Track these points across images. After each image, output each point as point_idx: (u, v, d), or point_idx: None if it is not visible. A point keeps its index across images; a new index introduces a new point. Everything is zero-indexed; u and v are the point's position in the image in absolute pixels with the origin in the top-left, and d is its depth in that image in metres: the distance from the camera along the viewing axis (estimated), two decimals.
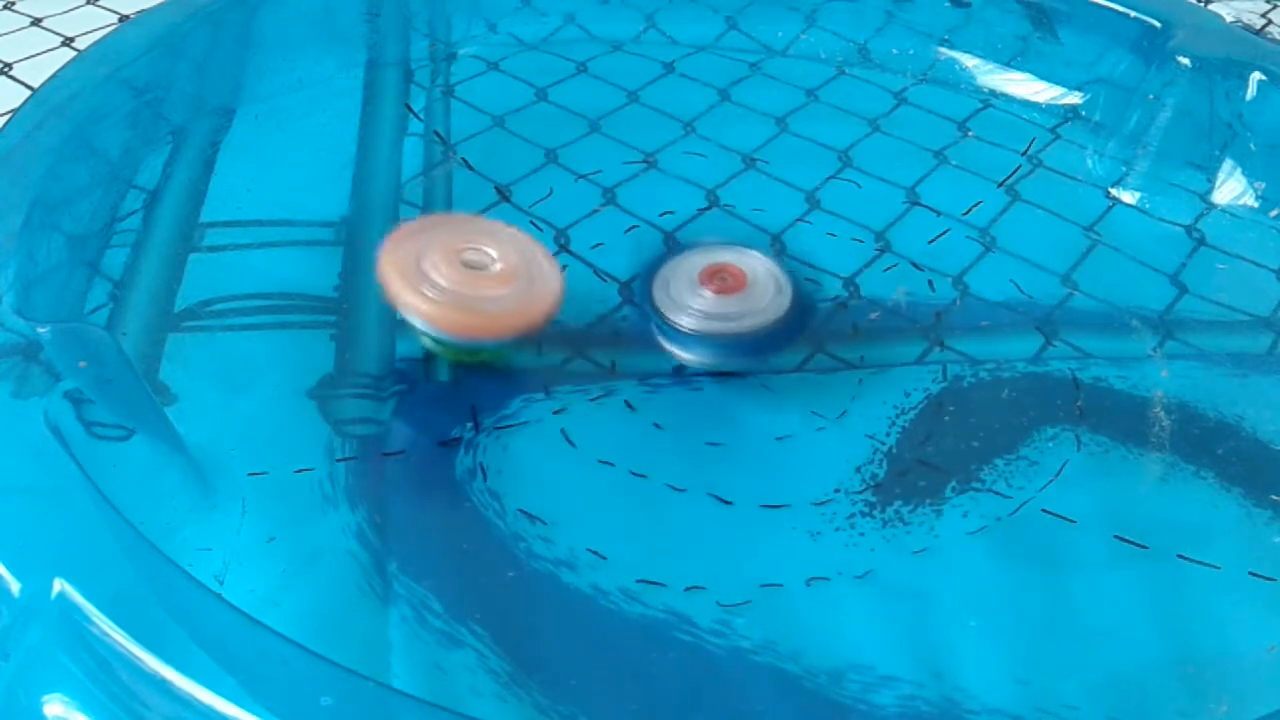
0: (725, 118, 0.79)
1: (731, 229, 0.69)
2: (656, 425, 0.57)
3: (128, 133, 0.68)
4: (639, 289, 0.64)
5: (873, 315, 0.65)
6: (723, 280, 0.62)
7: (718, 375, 0.60)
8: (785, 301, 0.62)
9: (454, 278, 0.55)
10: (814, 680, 0.48)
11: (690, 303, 0.61)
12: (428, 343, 0.57)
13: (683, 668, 0.48)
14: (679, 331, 0.61)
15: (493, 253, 0.56)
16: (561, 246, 0.67)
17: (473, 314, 0.54)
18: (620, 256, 0.66)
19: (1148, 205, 0.75)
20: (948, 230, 0.71)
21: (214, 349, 0.59)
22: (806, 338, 0.62)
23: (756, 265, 0.64)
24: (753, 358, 0.61)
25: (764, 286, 0.62)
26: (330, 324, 0.61)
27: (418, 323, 0.55)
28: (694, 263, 0.64)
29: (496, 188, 0.71)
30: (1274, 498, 0.56)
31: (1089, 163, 0.78)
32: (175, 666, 0.37)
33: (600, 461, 0.55)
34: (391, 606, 0.48)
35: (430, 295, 0.54)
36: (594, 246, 0.67)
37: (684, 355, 0.61)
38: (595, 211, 0.70)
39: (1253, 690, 0.49)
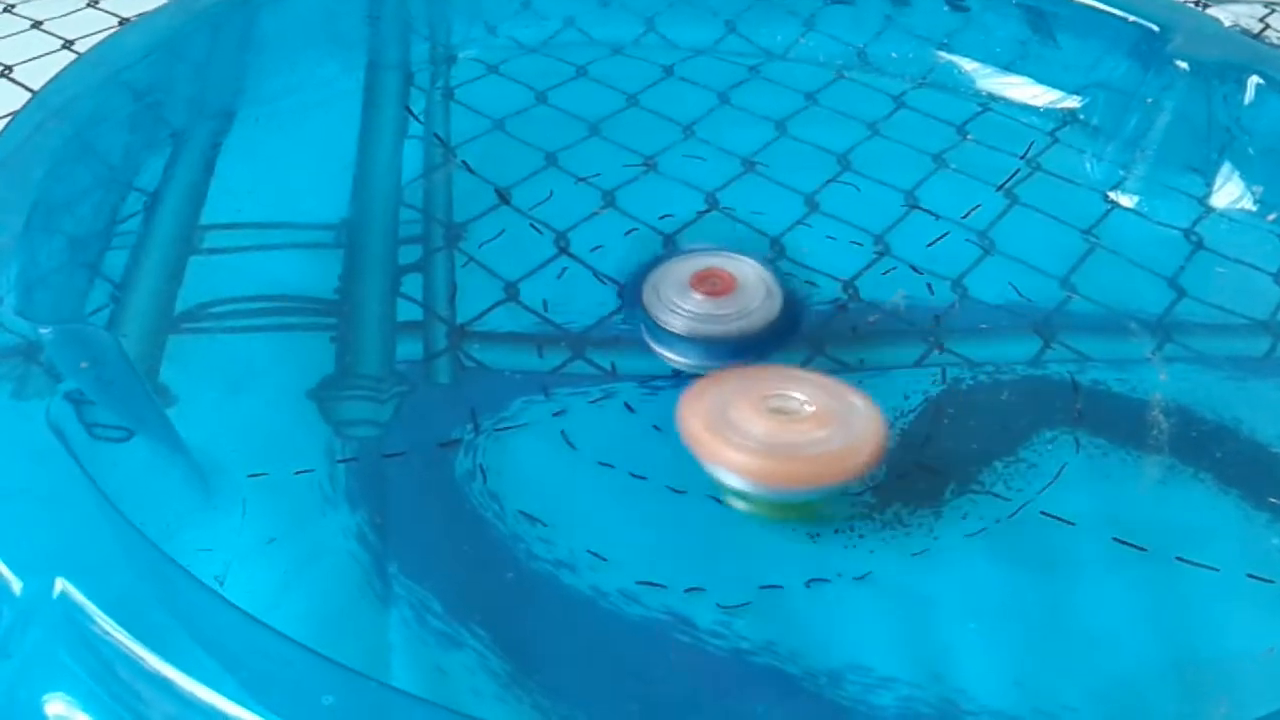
0: (724, 121, 0.79)
1: (731, 232, 0.69)
2: (656, 427, 0.57)
3: (128, 135, 0.69)
4: (629, 293, 0.64)
5: (871, 318, 0.65)
6: (713, 284, 0.62)
7: None
8: (776, 305, 0.62)
9: (768, 426, 0.51)
10: (813, 681, 0.48)
11: (681, 305, 0.61)
12: (739, 503, 0.52)
13: (683, 669, 0.48)
14: (670, 333, 0.61)
15: (800, 396, 0.53)
16: (561, 249, 0.67)
17: (796, 460, 0.50)
18: (620, 258, 0.66)
19: (1146, 209, 0.75)
20: (946, 233, 0.71)
21: (214, 350, 0.59)
22: (799, 341, 0.62)
23: (747, 270, 0.63)
24: (742, 360, 0.60)
25: (754, 290, 0.62)
26: (330, 326, 0.61)
27: (733, 479, 0.51)
28: (685, 267, 0.64)
29: (496, 190, 0.71)
30: (1272, 500, 0.56)
31: (1087, 166, 0.79)
32: (177, 666, 0.37)
33: (600, 463, 0.55)
34: (392, 607, 0.49)
35: (748, 446, 0.50)
36: (594, 249, 0.67)
37: (675, 358, 0.61)
38: (595, 214, 0.70)
39: (1252, 692, 0.49)
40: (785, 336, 0.62)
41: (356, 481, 0.53)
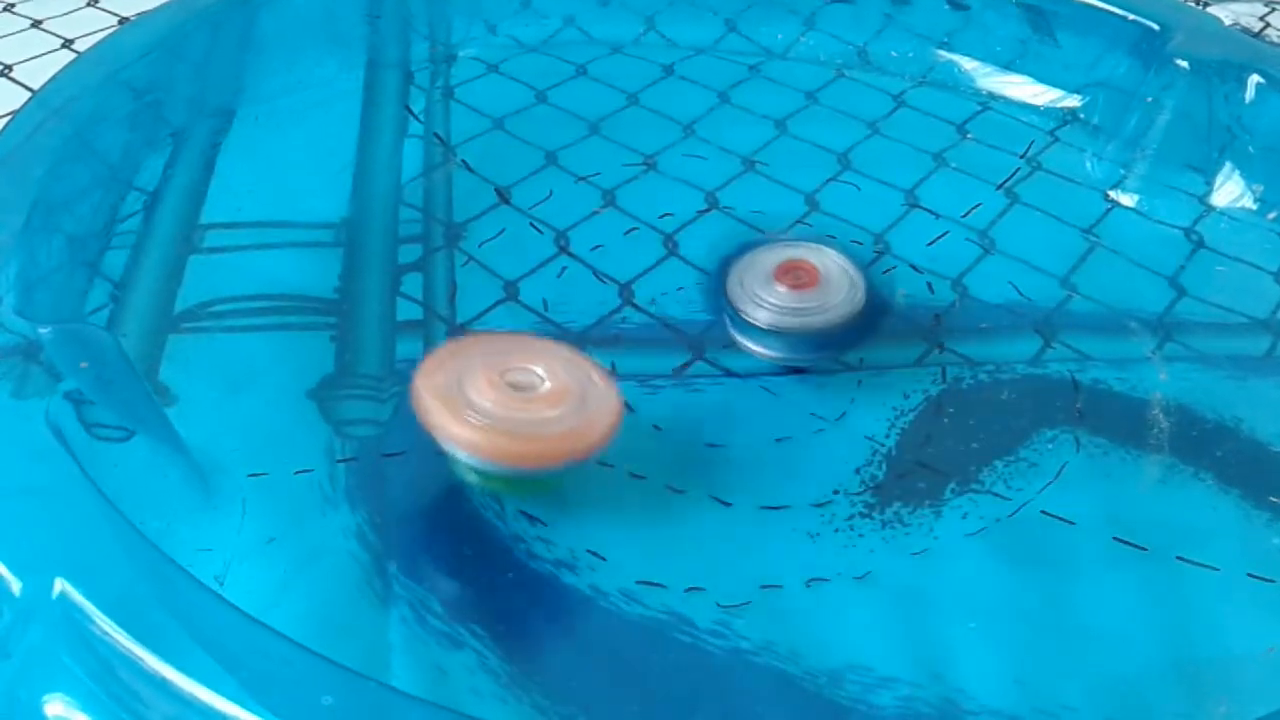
0: (725, 120, 0.79)
1: (732, 231, 0.69)
2: (656, 427, 0.57)
3: (128, 134, 0.69)
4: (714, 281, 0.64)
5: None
6: (796, 277, 0.62)
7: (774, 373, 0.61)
8: (859, 297, 0.62)
9: (501, 401, 0.50)
10: (813, 681, 0.48)
11: (765, 298, 0.62)
12: (470, 476, 0.52)
13: (683, 668, 0.48)
14: (753, 326, 0.62)
15: (540, 371, 0.52)
16: (561, 248, 0.67)
17: (523, 440, 0.49)
18: (619, 258, 0.66)
19: (1146, 208, 0.75)
20: (947, 232, 0.71)
21: (214, 350, 0.59)
22: (881, 334, 0.63)
23: (830, 262, 0.64)
24: (824, 353, 0.62)
25: (838, 283, 0.63)
26: (330, 325, 0.61)
27: (462, 454, 0.50)
28: (769, 258, 0.64)
29: (496, 190, 0.71)
30: (1273, 499, 0.56)
31: (1088, 165, 0.79)
32: (176, 666, 0.37)
33: (600, 463, 0.55)
34: (392, 607, 0.49)
35: (474, 422, 0.49)
36: (594, 248, 0.67)
37: (759, 349, 0.61)
38: (595, 213, 0.70)
39: (1252, 691, 0.49)
40: (868, 330, 0.63)
41: (356, 481, 0.53)
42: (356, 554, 0.50)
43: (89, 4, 1.00)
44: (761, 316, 0.61)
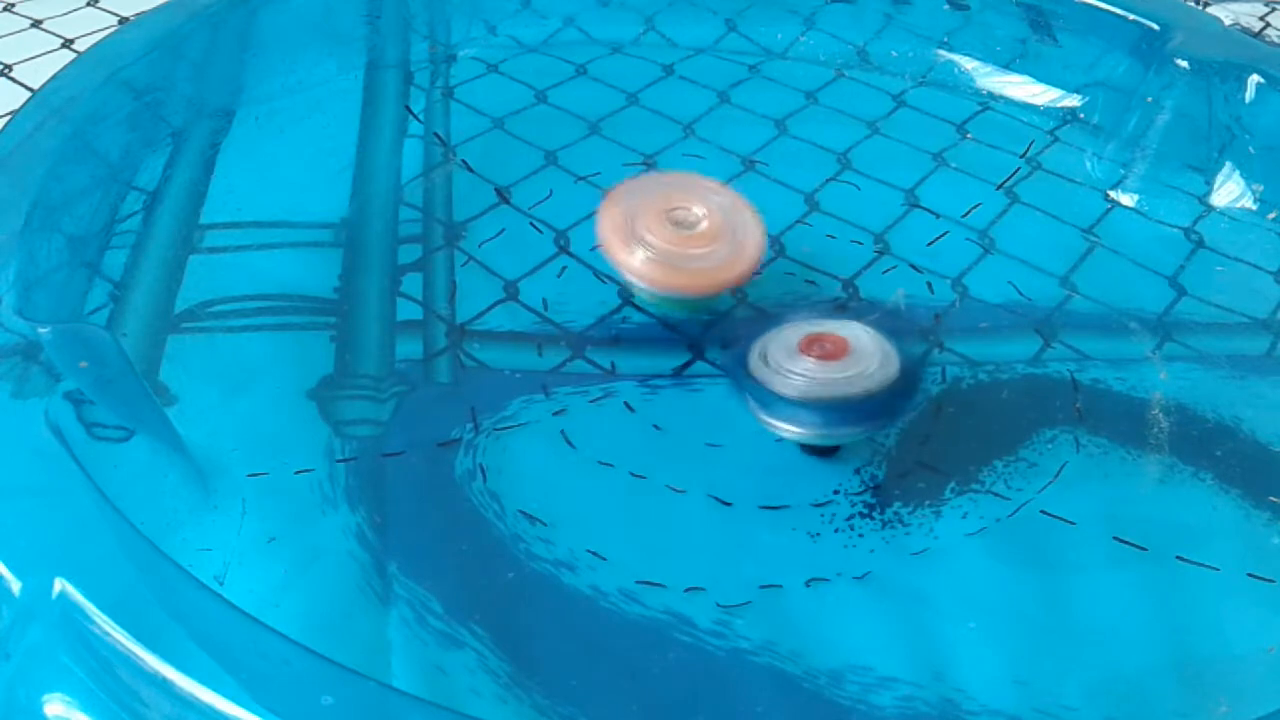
0: (724, 120, 0.79)
1: None
2: (656, 426, 0.57)
3: (128, 134, 0.69)
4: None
5: (872, 317, 0.65)
6: (822, 347, 0.57)
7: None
8: (892, 370, 0.56)
9: (664, 237, 0.59)
10: (813, 681, 0.48)
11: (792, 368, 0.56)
12: (640, 296, 0.62)
13: (683, 668, 0.48)
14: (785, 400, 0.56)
15: (699, 211, 0.60)
16: (561, 248, 0.67)
17: (680, 272, 0.59)
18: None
19: (1146, 207, 0.75)
20: (947, 232, 0.71)
21: (214, 350, 0.59)
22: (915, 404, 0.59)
23: (859, 333, 0.58)
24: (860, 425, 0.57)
25: (869, 354, 0.57)
26: (330, 325, 0.61)
27: (634, 281, 0.60)
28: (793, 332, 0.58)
29: (496, 189, 0.71)
30: (1272, 499, 0.56)
31: (1088, 165, 0.79)
32: (176, 666, 0.37)
33: (600, 463, 0.55)
34: (391, 607, 0.49)
35: (644, 255, 0.59)
36: (594, 248, 0.67)
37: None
38: (595, 213, 0.70)
39: (1252, 690, 0.49)
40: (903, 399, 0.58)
41: (356, 481, 0.53)
42: (356, 554, 0.50)
43: (89, 4, 1.00)
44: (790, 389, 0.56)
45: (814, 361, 0.56)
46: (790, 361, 0.56)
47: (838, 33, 0.88)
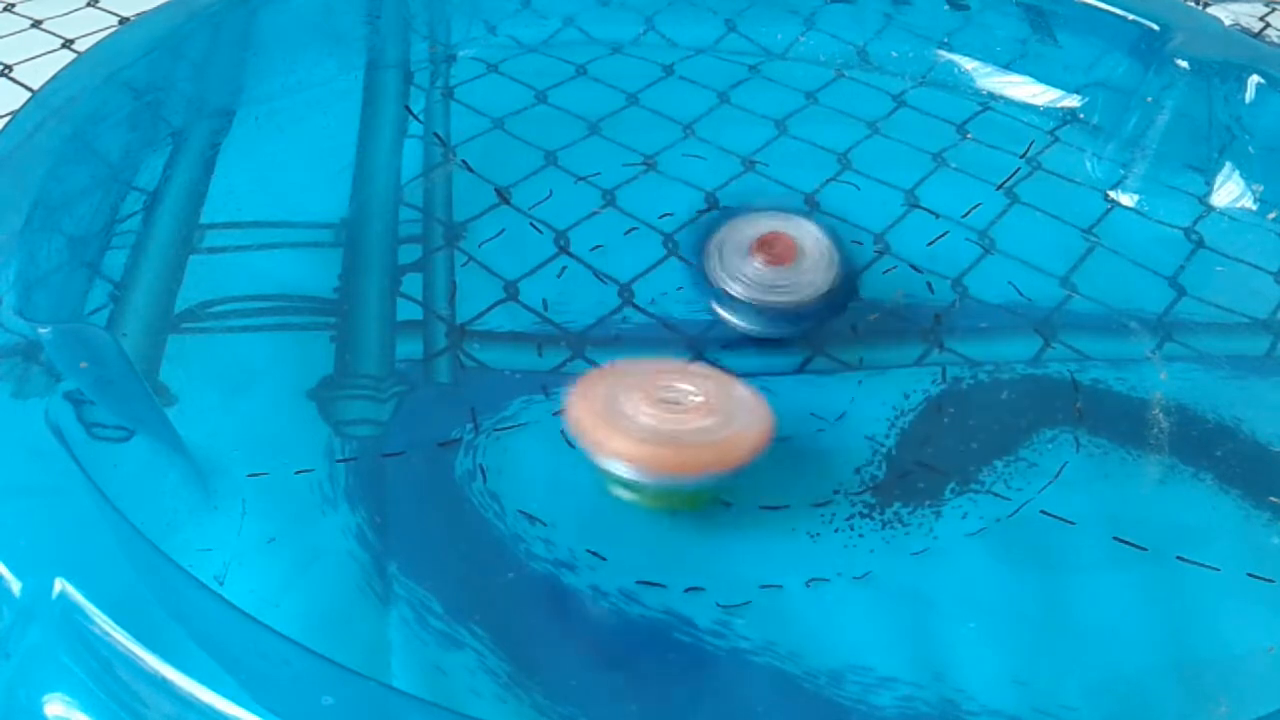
0: (725, 120, 0.79)
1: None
2: None
3: (128, 134, 0.69)
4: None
5: (872, 317, 0.65)
6: (771, 250, 0.62)
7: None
8: (835, 273, 0.62)
9: (657, 415, 0.52)
10: (813, 681, 0.48)
11: (743, 272, 0.62)
12: (625, 493, 0.53)
13: (683, 668, 0.48)
14: (731, 298, 0.62)
15: (688, 387, 0.54)
16: (561, 248, 0.67)
17: (686, 449, 0.51)
18: (619, 258, 0.66)
19: (1146, 208, 0.75)
20: (947, 232, 0.71)
21: (214, 350, 0.59)
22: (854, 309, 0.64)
23: (809, 237, 0.64)
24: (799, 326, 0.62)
25: (814, 258, 0.63)
26: (330, 325, 0.61)
27: (622, 468, 0.51)
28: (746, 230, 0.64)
29: (496, 190, 0.71)
30: (1272, 499, 0.56)
31: (1088, 165, 0.79)
32: (176, 666, 0.37)
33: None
34: (391, 607, 0.49)
35: (636, 435, 0.51)
36: (594, 248, 0.67)
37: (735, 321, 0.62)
38: (595, 213, 0.70)
39: (1252, 691, 0.49)
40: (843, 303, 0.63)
41: (356, 481, 0.53)
42: (356, 554, 0.50)
43: (89, 4, 1.00)
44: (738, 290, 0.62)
45: (761, 264, 0.61)
46: (740, 262, 0.61)
47: (838, 33, 0.88)
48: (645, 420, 0.51)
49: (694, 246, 0.65)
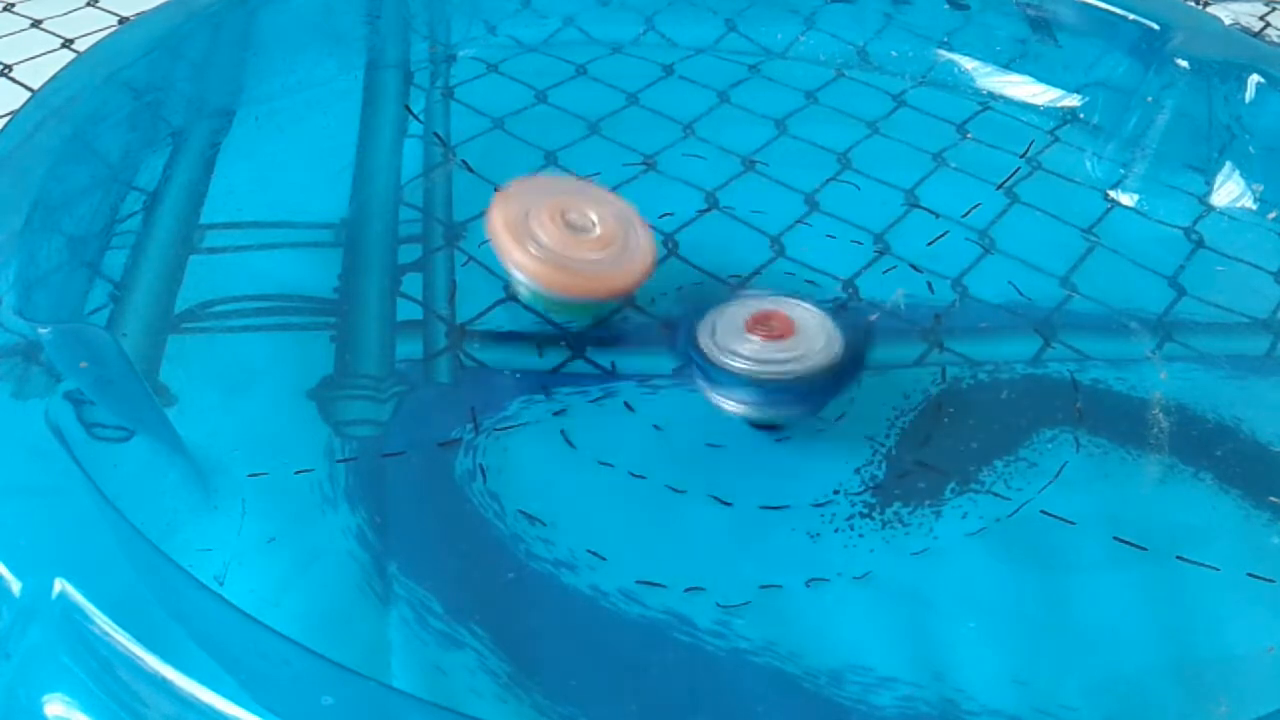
0: (724, 120, 0.79)
1: (732, 231, 0.69)
2: (656, 426, 0.57)
3: (128, 134, 0.69)
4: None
5: (872, 317, 0.65)
6: (769, 327, 0.58)
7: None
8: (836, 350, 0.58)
9: (557, 238, 0.59)
10: (813, 681, 0.48)
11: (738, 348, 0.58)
12: (524, 293, 0.61)
13: (683, 668, 0.48)
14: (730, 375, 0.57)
15: (594, 216, 0.60)
16: None
17: (571, 274, 0.58)
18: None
19: (1146, 207, 0.75)
20: (946, 232, 0.71)
21: (214, 350, 0.59)
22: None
23: (805, 314, 0.60)
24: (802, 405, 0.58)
25: (813, 335, 0.58)
26: (330, 325, 0.61)
27: (521, 278, 0.59)
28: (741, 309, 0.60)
29: (496, 189, 0.71)
30: (1273, 499, 0.56)
31: (1088, 165, 0.79)
32: (176, 666, 0.37)
33: (600, 462, 0.55)
34: (391, 607, 0.49)
35: (534, 253, 0.58)
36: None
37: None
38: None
39: (1252, 691, 0.49)
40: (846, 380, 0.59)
41: (356, 481, 0.53)
42: (356, 554, 0.50)
43: (89, 4, 1.00)
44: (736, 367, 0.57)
45: (760, 341, 0.58)
46: (736, 340, 0.58)
47: (838, 33, 0.88)
48: (545, 240, 0.59)
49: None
